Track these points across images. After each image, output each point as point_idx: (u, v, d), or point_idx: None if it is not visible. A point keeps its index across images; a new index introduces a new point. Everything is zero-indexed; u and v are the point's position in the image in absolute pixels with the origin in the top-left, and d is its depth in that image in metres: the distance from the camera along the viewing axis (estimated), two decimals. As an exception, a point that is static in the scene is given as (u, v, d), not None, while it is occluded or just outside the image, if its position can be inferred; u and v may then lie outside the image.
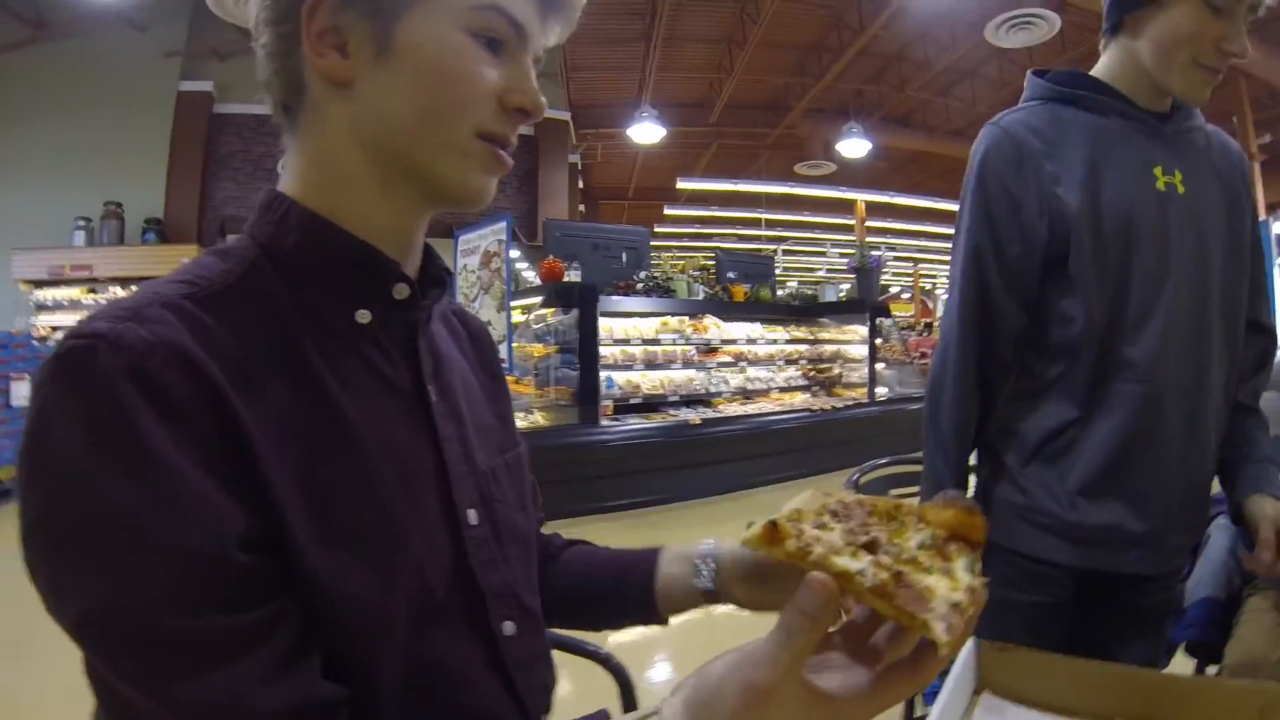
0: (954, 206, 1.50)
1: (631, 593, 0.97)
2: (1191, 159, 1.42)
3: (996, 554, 1.48)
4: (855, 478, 2.05)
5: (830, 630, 0.53)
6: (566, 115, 14.65)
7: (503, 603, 0.83)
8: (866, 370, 8.22)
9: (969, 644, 1.04)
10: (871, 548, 0.52)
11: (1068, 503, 1.42)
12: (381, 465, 0.72)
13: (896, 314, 9.86)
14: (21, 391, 6.98)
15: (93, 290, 11.92)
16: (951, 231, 1.56)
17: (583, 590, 1.04)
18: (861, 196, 18.83)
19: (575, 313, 6.09)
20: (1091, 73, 1.48)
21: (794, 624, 0.48)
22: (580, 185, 17.82)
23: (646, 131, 14.01)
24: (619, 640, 1.13)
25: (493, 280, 5.95)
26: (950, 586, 0.50)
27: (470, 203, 0.77)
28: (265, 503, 0.61)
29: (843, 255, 23.49)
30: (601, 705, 1.07)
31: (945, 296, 1.57)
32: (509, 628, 0.83)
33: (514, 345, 5.85)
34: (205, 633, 0.56)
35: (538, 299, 6.65)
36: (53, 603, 0.58)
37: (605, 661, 1.30)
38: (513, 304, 6.07)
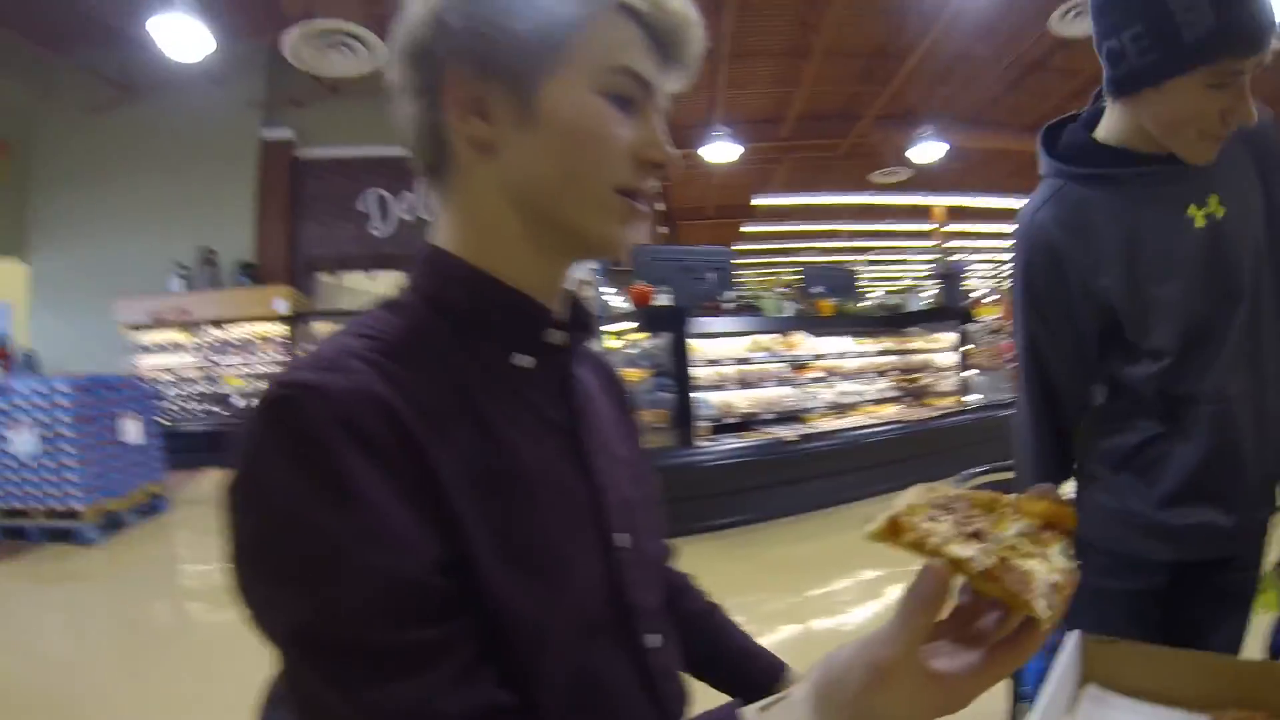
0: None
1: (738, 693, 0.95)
2: (1223, 170, 1.42)
3: (1093, 550, 1.58)
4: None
5: (939, 620, 0.58)
6: (645, 140, 14.82)
7: (648, 618, 0.90)
8: (957, 378, 8.13)
9: (1074, 638, 1.11)
10: (978, 537, 0.58)
11: (1157, 507, 1.51)
12: (547, 495, 0.80)
13: (984, 318, 9.72)
14: (133, 430, 7.32)
15: (191, 332, 12.58)
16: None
17: (701, 664, 1.11)
18: (939, 201, 18.53)
19: (667, 336, 6.19)
20: (1099, 135, 1.50)
21: (912, 607, 0.55)
22: (660, 208, 17.86)
23: (721, 150, 13.95)
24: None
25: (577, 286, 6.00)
26: (1048, 569, 0.56)
27: (611, 253, 0.84)
28: (452, 531, 0.69)
29: (924, 262, 23.18)
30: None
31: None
32: (653, 640, 0.89)
33: (611, 373, 5.94)
34: (399, 645, 0.63)
35: (629, 324, 6.73)
36: (263, 617, 0.66)
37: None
38: (604, 329, 6.19)
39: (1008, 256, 1.66)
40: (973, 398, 8.28)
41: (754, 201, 17.58)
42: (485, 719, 0.66)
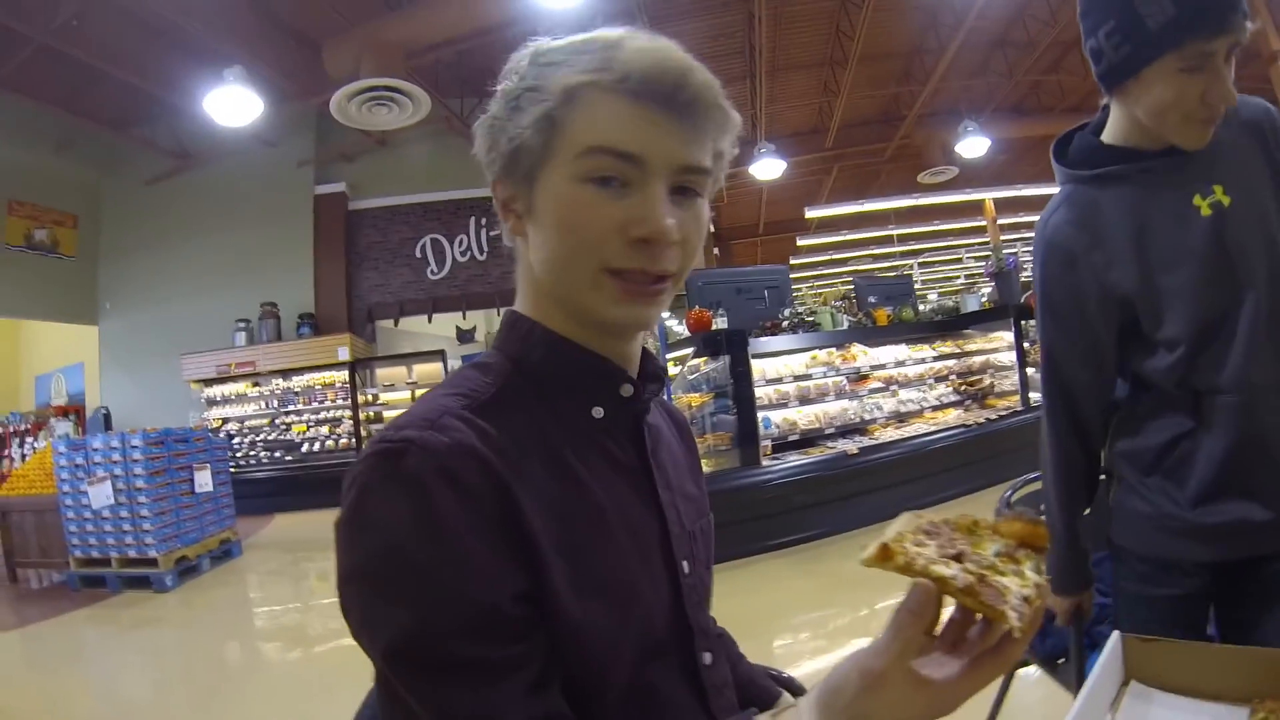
0: None
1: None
2: (1225, 160, 1.46)
3: (1134, 557, 1.63)
4: (1009, 495, 2.20)
5: (931, 634, 0.65)
6: (688, 164, 14.90)
7: (704, 637, 0.96)
8: (1018, 377, 7.93)
9: (1115, 639, 1.13)
10: (959, 558, 0.65)
11: (1190, 506, 1.50)
12: (621, 531, 0.87)
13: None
14: (204, 479, 7.54)
15: (256, 384, 12.97)
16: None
17: None
18: (988, 195, 18.27)
19: (726, 359, 6.16)
20: (1105, 138, 1.55)
21: (903, 620, 0.63)
22: (711, 229, 17.94)
23: (767, 167, 13.99)
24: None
25: (645, 339, 6.05)
26: (1020, 584, 0.64)
27: (617, 330, 0.90)
28: (534, 563, 0.76)
29: (977, 260, 22.89)
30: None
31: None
32: (708, 658, 0.96)
33: (671, 397, 5.97)
34: (479, 660, 0.71)
35: (688, 350, 6.74)
36: (365, 636, 0.75)
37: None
38: (666, 357, 6.20)
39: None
40: (1035, 395, 7.96)
41: (807, 214, 17.49)
42: None
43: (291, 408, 12.94)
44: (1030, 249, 1.74)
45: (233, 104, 9.45)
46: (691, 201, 0.86)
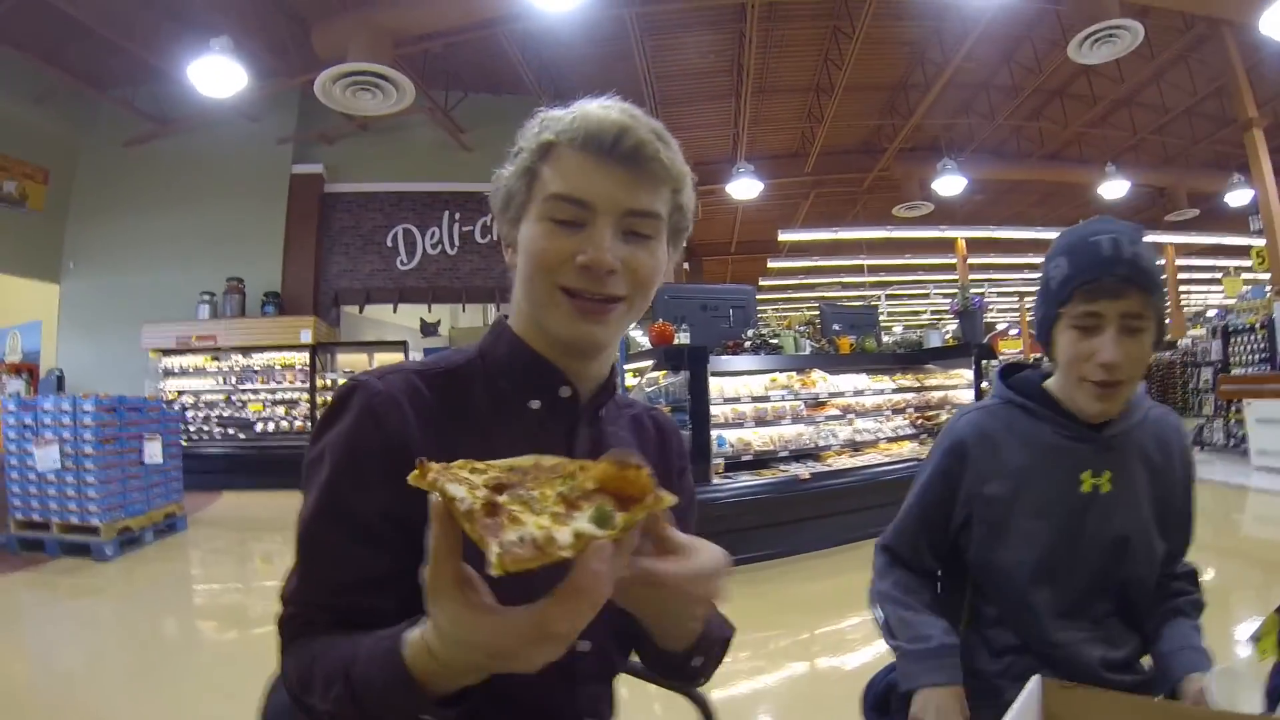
0: (1054, 234, 1.70)
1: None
2: (1123, 458, 1.61)
3: None
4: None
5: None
6: (664, 176, 14.94)
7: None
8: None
9: (1034, 682, 1.15)
10: (499, 489, 0.66)
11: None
12: None
13: (1005, 352, 9.65)
14: (154, 451, 7.48)
15: (216, 359, 12.86)
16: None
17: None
18: (961, 234, 18.54)
19: (686, 374, 6.18)
20: (1048, 384, 1.68)
21: (433, 533, 0.65)
22: (683, 243, 18.00)
23: (745, 187, 14.12)
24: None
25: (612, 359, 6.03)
26: (537, 525, 0.61)
27: (570, 343, 1.05)
28: (412, 499, 0.76)
29: (944, 296, 23.15)
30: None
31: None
32: (583, 645, 1.06)
33: (628, 408, 5.96)
34: (337, 546, 0.97)
35: (648, 362, 6.76)
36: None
37: (690, 692, 1.47)
38: (625, 368, 6.22)
39: (1030, 288, 1.77)
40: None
41: (780, 237, 17.63)
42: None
43: (249, 386, 12.81)
44: (997, 289, 1.84)
45: (217, 75, 9.36)
46: (643, 241, 1.03)
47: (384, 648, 0.79)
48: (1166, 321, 1.61)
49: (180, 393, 12.71)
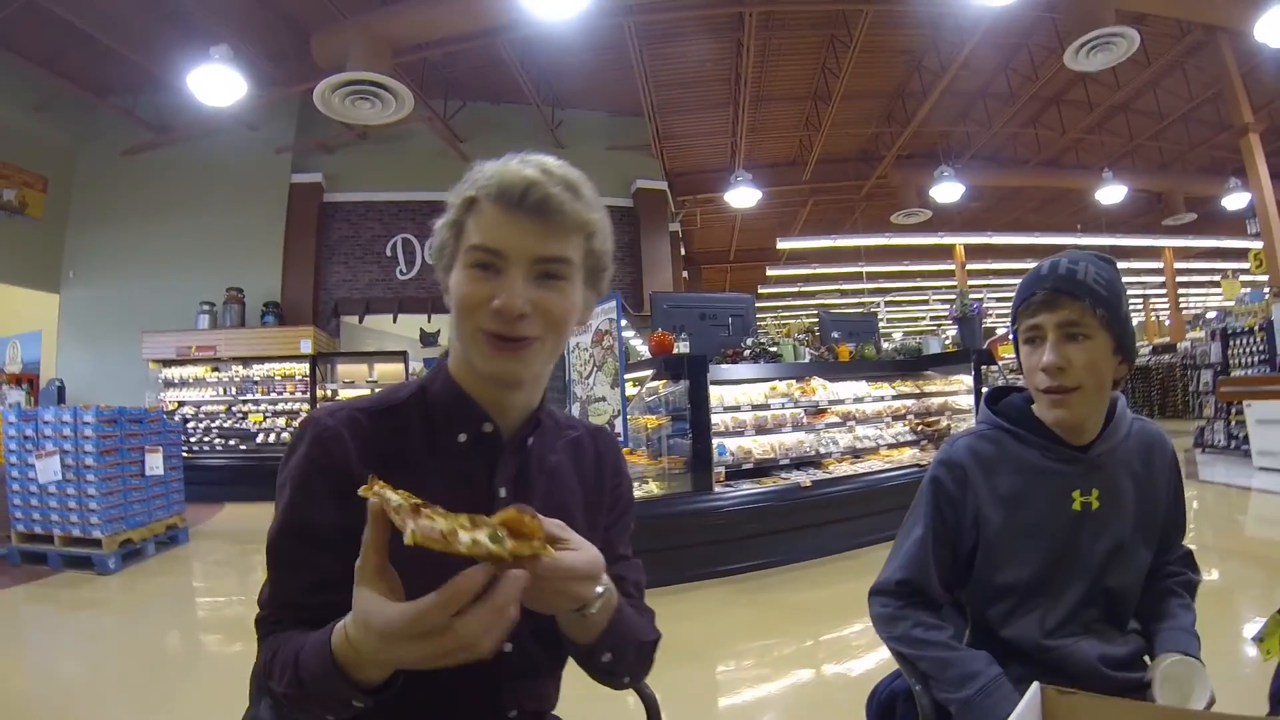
0: (1052, 240, 1.76)
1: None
2: (1111, 475, 1.68)
3: None
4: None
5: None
6: (663, 185, 14.92)
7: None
8: (974, 420, 8.02)
9: (1034, 689, 1.14)
10: (423, 507, 0.82)
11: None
12: None
13: (1004, 357, 9.63)
14: (155, 462, 7.45)
15: (216, 369, 12.85)
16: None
17: None
18: (959, 240, 18.54)
19: (685, 383, 6.20)
20: (1035, 408, 1.73)
21: (367, 529, 0.86)
22: (682, 252, 18.01)
23: (743, 195, 14.11)
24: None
25: (605, 358, 6.11)
26: (445, 526, 0.78)
27: (491, 377, 1.14)
28: (354, 515, 0.92)
29: (943, 303, 23.15)
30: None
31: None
32: (507, 646, 1.18)
33: (627, 418, 6.01)
34: (297, 555, 1.13)
35: (648, 371, 6.76)
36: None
37: (638, 690, 1.50)
38: (625, 378, 6.23)
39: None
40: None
41: (779, 245, 17.64)
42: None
43: (249, 396, 12.81)
44: (996, 295, 1.86)
45: (217, 83, 9.36)
46: (556, 284, 1.12)
47: (321, 638, 0.95)
48: (1132, 329, 1.67)
49: (180, 403, 12.72)
